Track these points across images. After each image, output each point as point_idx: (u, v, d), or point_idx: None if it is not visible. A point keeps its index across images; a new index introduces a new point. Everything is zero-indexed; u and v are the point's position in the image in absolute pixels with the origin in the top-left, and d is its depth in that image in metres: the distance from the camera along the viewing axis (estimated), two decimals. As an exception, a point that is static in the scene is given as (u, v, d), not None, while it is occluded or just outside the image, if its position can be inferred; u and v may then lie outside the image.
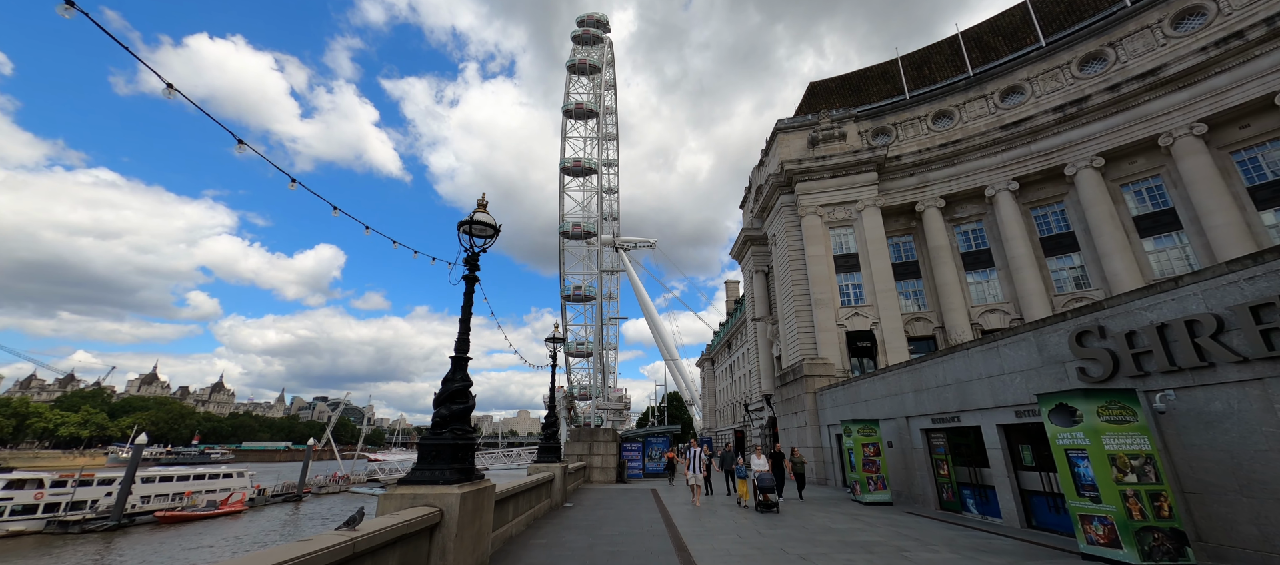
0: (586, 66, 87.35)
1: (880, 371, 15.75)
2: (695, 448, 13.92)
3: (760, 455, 13.21)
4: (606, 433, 23.79)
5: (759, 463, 13.03)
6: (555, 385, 14.30)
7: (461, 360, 6.75)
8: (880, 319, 29.18)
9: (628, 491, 18.73)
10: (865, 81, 43.09)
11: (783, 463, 14.75)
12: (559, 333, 14.89)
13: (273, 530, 41.98)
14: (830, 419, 19.57)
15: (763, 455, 13.26)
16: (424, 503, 5.41)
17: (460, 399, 6.50)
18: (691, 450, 13.88)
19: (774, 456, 14.81)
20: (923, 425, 13.46)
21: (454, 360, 6.73)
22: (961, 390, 11.77)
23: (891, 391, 14.98)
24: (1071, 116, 27.69)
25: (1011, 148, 29.73)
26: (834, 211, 32.42)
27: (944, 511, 12.60)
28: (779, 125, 37.14)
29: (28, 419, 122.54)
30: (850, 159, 32.28)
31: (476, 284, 7.25)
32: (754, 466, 13.10)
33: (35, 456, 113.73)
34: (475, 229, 7.20)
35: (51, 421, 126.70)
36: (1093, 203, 26.67)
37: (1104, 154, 26.83)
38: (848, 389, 18.10)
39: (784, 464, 14.89)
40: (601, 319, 79.79)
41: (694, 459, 13.69)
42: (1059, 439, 7.47)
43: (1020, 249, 28.35)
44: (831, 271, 31.12)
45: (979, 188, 30.70)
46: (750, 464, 13.26)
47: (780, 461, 14.70)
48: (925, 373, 13.23)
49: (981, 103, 32.18)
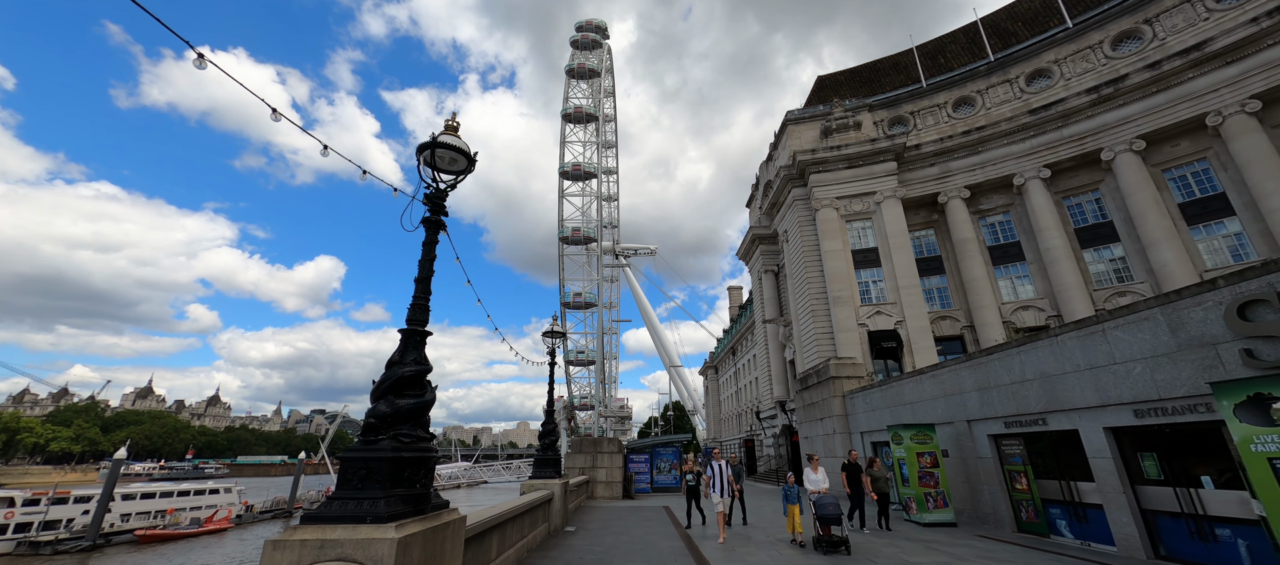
0: (585, 71, 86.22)
1: (931, 368, 13.63)
2: (718, 461, 10.40)
3: (817, 467, 10.06)
4: (611, 442, 21.60)
5: (816, 478, 9.85)
6: (553, 389, 12.19)
7: (416, 335, 4.66)
8: (905, 317, 27.06)
9: (638, 510, 16.50)
10: (876, 74, 41.37)
11: (861, 478, 11.11)
12: (558, 327, 12.80)
13: (257, 549, 39.49)
14: (864, 425, 17.39)
15: (819, 467, 10.13)
16: (338, 555, 3.31)
17: (412, 389, 4.40)
18: (714, 465, 10.44)
19: (849, 469, 11.33)
20: (992, 430, 11.32)
21: (405, 335, 4.65)
22: (1049, 386, 9.65)
23: (946, 391, 12.84)
24: (1107, 98, 25.81)
25: (1041, 133, 27.81)
26: (851, 204, 30.44)
27: (1025, 534, 10.42)
28: (789, 116, 35.31)
29: (18, 434, 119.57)
30: (867, 148, 30.37)
31: (442, 233, 5.18)
32: (809, 484, 9.88)
33: (25, 472, 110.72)
34: (440, 158, 5.15)
35: (43, 436, 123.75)
36: (1134, 188, 24.68)
37: (1145, 136, 24.89)
38: (887, 390, 15.95)
39: (862, 479, 11.16)
40: (602, 327, 77.58)
41: (717, 476, 10.21)
42: (1256, 443, 5.40)
43: (1055, 240, 26.31)
44: (850, 267, 29.06)
45: (1006, 176, 28.74)
46: (803, 480, 10.18)
47: (858, 476, 11.14)
48: (995, 367, 11.10)
49: (1006, 87, 30.34)
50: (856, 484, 11.19)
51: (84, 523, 39.44)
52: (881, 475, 11.46)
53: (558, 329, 12.71)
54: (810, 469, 10.30)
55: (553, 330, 12.69)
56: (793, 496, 9.86)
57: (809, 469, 10.34)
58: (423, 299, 4.79)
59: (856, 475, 11.31)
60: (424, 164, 5.16)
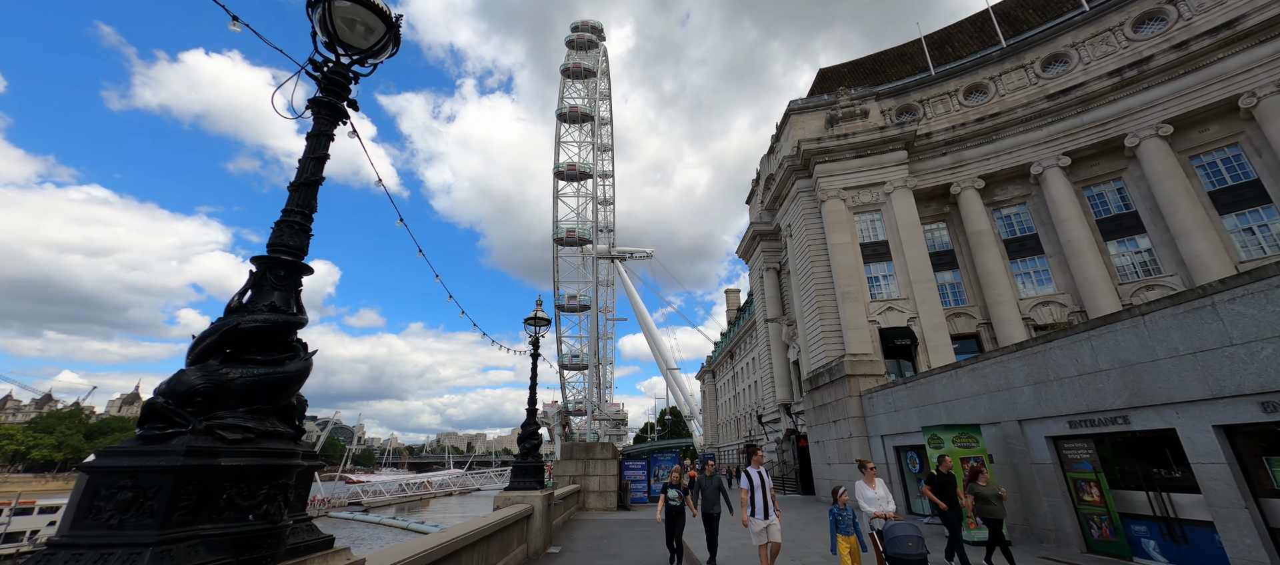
0: (581, 71, 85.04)
1: (970, 361, 11.94)
2: (756, 469, 7.57)
3: (874, 480, 7.50)
4: (605, 448, 19.79)
5: (876, 497, 7.36)
6: (536, 384, 10.40)
7: (282, 269, 2.92)
8: (919, 313, 25.42)
9: (634, 523, 14.68)
10: (880, 65, 40.02)
11: (956, 494, 8.20)
12: (542, 314, 11.05)
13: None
14: (885, 428, 15.67)
15: (877, 480, 7.52)
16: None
17: (263, 351, 2.67)
18: (752, 473, 7.57)
19: (938, 482, 8.28)
20: (1052, 431, 9.62)
21: (260, 266, 2.90)
22: (1133, 377, 7.97)
23: (990, 386, 11.14)
24: (1131, 81, 24.39)
25: (1059, 119, 26.37)
26: (859, 195, 28.86)
27: (1100, 555, 8.71)
28: (792, 105, 33.81)
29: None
30: (876, 137, 28.84)
31: (344, 124, 3.47)
32: (866, 503, 7.33)
33: (4, 481, 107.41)
34: (341, 25, 3.43)
35: (24, 444, 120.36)
36: (1162, 176, 23.21)
37: (1172, 121, 23.47)
38: (913, 388, 14.25)
39: (960, 497, 8.23)
40: (597, 331, 75.84)
41: (757, 488, 7.38)
42: None
43: (1077, 231, 24.80)
44: (859, 261, 27.43)
45: (1022, 166, 27.26)
46: (857, 498, 7.54)
47: (951, 491, 8.17)
48: (1056, 356, 9.42)
49: (1020, 74, 28.93)
50: (951, 504, 8.16)
51: (50, 535, 37.10)
52: (990, 492, 8.15)
53: (541, 315, 10.95)
54: (865, 482, 7.59)
55: (536, 316, 10.93)
56: (846, 524, 7.01)
57: (862, 483, 7.60)
58: (300, 214, 3.05)
59: (949, 490, 8.24)
60: (317, 26, 3.42)
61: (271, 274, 2.85)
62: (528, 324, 11.00)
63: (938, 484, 8.46)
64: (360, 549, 20.98)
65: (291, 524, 2.62)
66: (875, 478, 7.71)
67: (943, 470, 8.69)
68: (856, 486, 7.69)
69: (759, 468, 7.78)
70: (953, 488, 8.29)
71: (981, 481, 8.33)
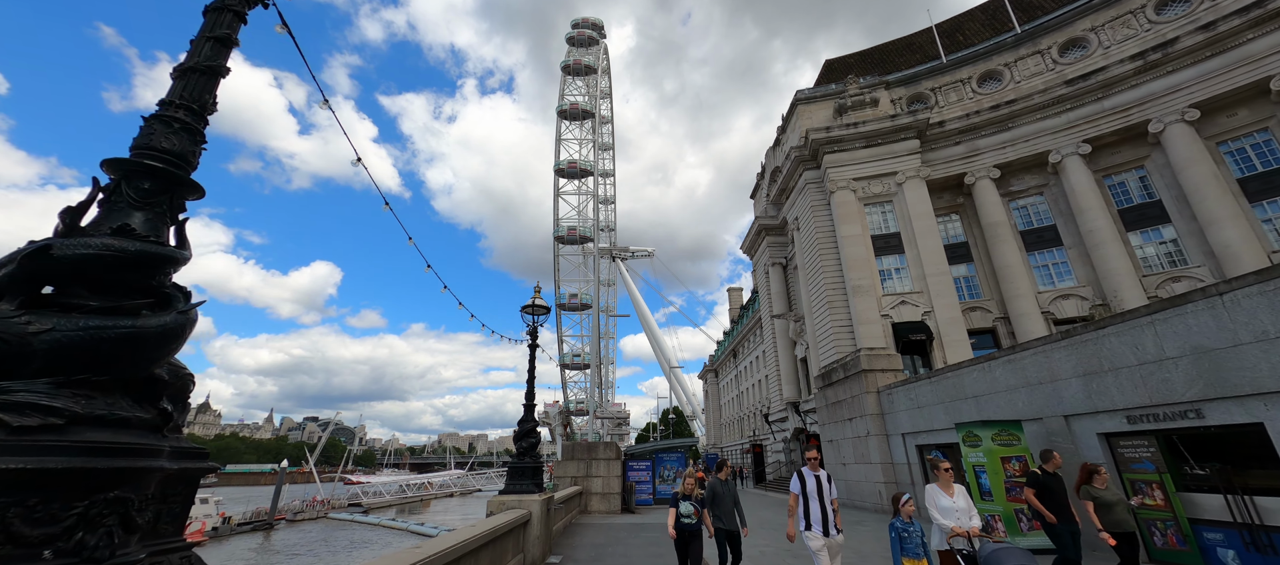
0: (581, 67, 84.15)
1: (1006, 352, 10.99)
2: (814, 472, 6.04)
3: (951, 486, 5.83)
4: (608, 447, 18.88)
5: (953, 506, 5.66)
6: (533, 376, 9.49)
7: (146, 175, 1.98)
8: (933, 307, 24.48)
9: (640, 528, 13.77)
10: (888, 54, 39.09)
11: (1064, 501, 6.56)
12: (541, 300, 10.14)
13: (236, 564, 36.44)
14: (906, 425, 14.74)
15: (955, 486, 5.87)
16: None
17: (98, 291, 1.73)
18: (808, 476, 6.02)
19: (1044, 484, 6.67)
20: (1105, 427, 8.68)
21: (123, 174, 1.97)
22: (1208, 364, 7.03)
23: (1029, 379, 10.20)
24: (1155, 64, 23.42)
25: (1079, 105, 25.40)
26: (869, 185, 27.92)
27: (1164, 564, 7.76)
28: (799, 95, 32.88)
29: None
30: (887, 125, 27.90)
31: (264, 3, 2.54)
32: (940, 514, 5.67)
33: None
34: None
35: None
36: (1188, 163, 22.23)
37: (1198, 105, 22.49)
38: (939, 383, 13.31)
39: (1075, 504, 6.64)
40: (598, 331, 75.03)
41: (816, 495, 5.87)
42: None
43: (1099, 221, 23.82)
44: (870, 254, 26.50)
45: (1040, 154, 26.29)
46: (929, 508, 5.82)
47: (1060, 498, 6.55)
48: (1111, 344, 8.48)
49: (1036, 59, 27.96)
50: (1062, 513, 6.41)
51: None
52: (1113, 497, 6.41)
53: (540, 302, 10.04)
54: (938, 488, 5.88)
55: (534, 304, 10.02)
56: (914, 544, 5.35)
57: (935, 489, 5.90)
58: (185, 109, 2.14)
59: (1056, 496, 6.52)
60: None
61: (130, 186, 1.94)
62: (525, 313, 10.10)
63: (1043, 487, 6.57)
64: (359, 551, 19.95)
65: (144, 558, 1.70)
66: (951, 482, 5.91)
67: (1048, 468, 6.79)
68: (927, 494, 5.99)
69: (818, 470, 6.09)
70: (1063, 492, 6.54)
71: (1099, 483, 6.43)
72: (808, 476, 6.12)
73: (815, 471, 6.15)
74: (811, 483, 6.05)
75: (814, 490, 5.98)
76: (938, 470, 6.19)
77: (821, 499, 5.92)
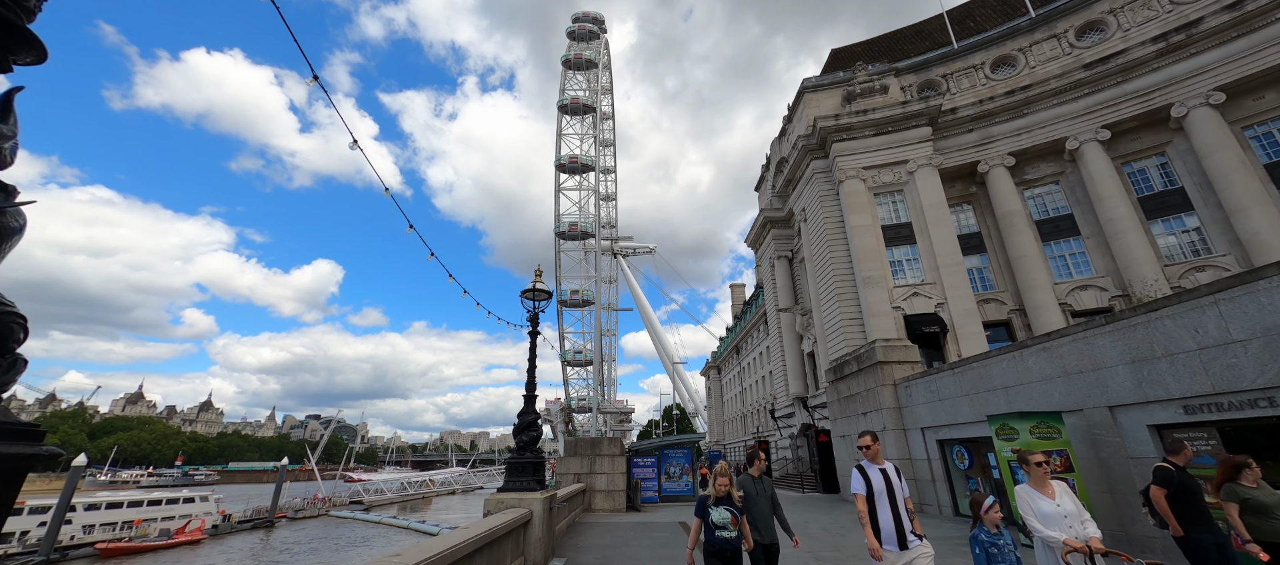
0: (582, 62, 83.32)
1: (1040, 339, 10.25)
2: (878, 466, 4.86)
3: (1047, 482, 4.63)
4: (612, 443, 18.22)
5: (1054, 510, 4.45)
6: (534, 363, 8.81)
7: None
8: (947, 298, 23.75)
9: (647, 527, 13.10)
10: (896, 43, 38.24)
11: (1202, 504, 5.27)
12: (543, 285, 9.46)
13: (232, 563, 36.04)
14: (927, 419, 14.04)
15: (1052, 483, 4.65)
16: None
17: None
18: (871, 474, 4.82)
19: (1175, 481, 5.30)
20: (1157, 418, 7.97)
21: None
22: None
23: (1067, 368, 9.48)
24: (1178, 46, 22.59)
25: (1097, 90, 24.57)
26: (879, 174, 27.15)
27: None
28: (806, 83, 32.07)
29: None
30: (898, 112, 27.11)
31: None
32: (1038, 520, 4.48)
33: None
34: None
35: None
36: (1213, 148, 21.42)
37: (1223, 88, 21.67)
38: (963, 374, 12.59)
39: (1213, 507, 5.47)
40: (600, 328, 74.42)
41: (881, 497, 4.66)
42: None
43: (1119, 209, 23.03)
44: (881, 244, 25.75)
45: (1056, 141, 25.48)
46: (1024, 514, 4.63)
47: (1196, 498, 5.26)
48: (1165, 327, 7.75)
49: (1052, 44, 27.13)
50: (1201, 522, 5.10)
51: (40, 536, 35.97)
52: (1270, 499, 5.02)
53: (541, 287, 9.35)
54: (1033, 490, 4.67)
55: (536, 288, 9.33)
56: (1008, 561, 4.31)
57: (1029, 489, 4.69)
58: None
59: (1195, 499, 5.21)
60: None
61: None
62: (525, 298, 9.42)
63: (1178, 486, 5.20)
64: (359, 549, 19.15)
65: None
66: (1048, 478, 4.64)
67: (1178, 462, 5.42)
68: (1019, 497, 4.70)
69: (883, 463, 4.86)
70: (1200, 493, 5.27)
71: (1249, 480, 5.11)
72: (871, 472, 4.80)
73: (878, 464, 4.86)
74: (878, 480, 4.72)
75: (882, 489, 4.67)
76: (1028, 465, 4.73)
77: (893, 500, 4.62)
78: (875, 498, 4.68)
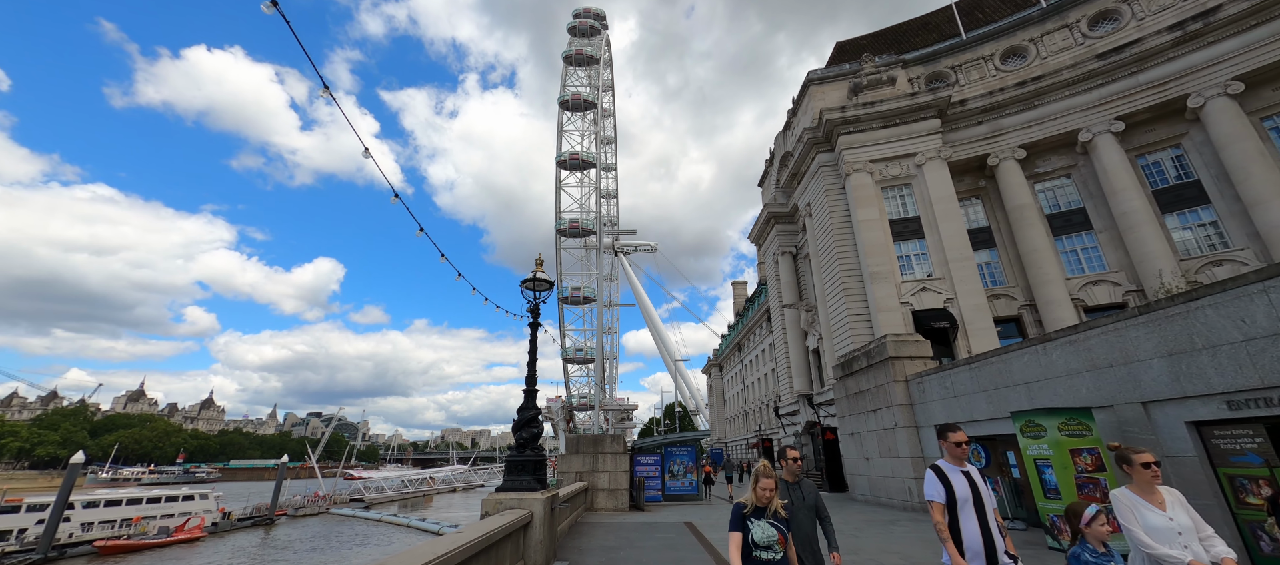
0: (583, 58, 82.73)
1: (1065, 332, 9.76)
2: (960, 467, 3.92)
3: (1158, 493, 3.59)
4: (615, 441, 17.78)
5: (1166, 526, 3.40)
6: (535, 354, 8.37)
7: None
8: (956, 294, 23.24)
9: (652, 528, 12.66)
10: (902, 35, 37.64)
11: None
12: (544, 275, 9.00)
13: (230, 563, 35.76)
14: (940, 416, 13.57)
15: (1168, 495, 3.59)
16: None
17: None
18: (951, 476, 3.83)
19: None
20: (1196, 414, 7.50)
21: None
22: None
23: (1095, 362, 9.00)
24: (1195, 35, 22.02)
25: (1111, 81, 24.01)
26: (887, 168, 26.63)
27: (1279, 578, 6.59)
28: (811, 76, 31.53)
29: (3, 438, 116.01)
30: (906, 104, 26.57)
31: None
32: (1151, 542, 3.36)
33: (10, 477, 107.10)
34: None
35: (29, 441, 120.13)
36: (1232, 139, 20.87)
37: (1242, 78, 21.11)
38: (980, 370, 12.12)
39: None
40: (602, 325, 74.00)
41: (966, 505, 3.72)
42: None
43: (1134, 202, 22.50)
44: (888, 238, 25.25)
45: (1068, 133, 24.94)
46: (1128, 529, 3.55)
47: None
48: (1207, 317, 7.27)
49: (1064, 33, 26.56)
50: None
51: (38, 533, 35.71)
52: None
53: (542, 276, 8.89)
54: (1137, 497, 3.61)
55: (536, 277, 8.88)
56: None
57: (1132, 496, 3.64)
58: None
59: None
60: None
61: None
62: (525, 288, 8.96)
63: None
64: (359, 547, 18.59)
65: None
66: (1157, 483, 3.65)
67: None
68: (1117, 505, 3.68)
69: (966, 466, 3.95)
70: None
71: None
72: (952, 475, 3.81)
73: (961, 466, 3.92)
74: (961, 484, 3.76)
75: (966, 496, 3.71)
76: (1132, 466, 3.69)
77: (982, 510, 3.68)
78: (957, 506, 3.69)
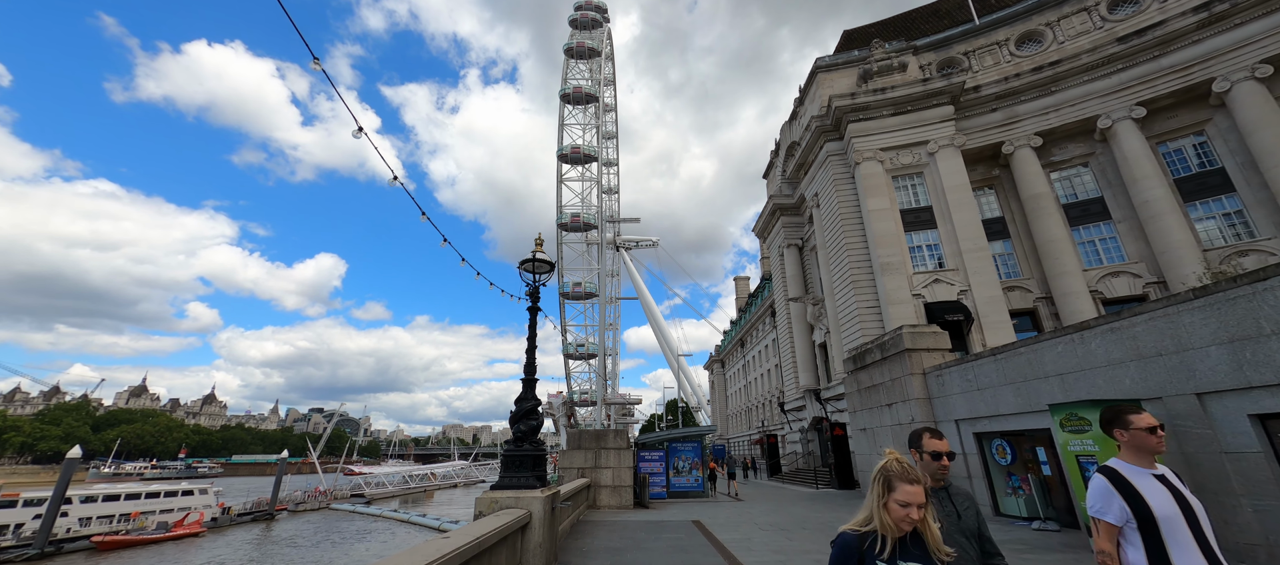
0: (584, 50, 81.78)
1: (1105, 320, 9.05)
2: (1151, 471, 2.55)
3: None
4: (618, 436, 17.15)
5: None
6: (534, 341, 7.71)
7: None
8: (970, 285, 22.53)
9: (659, 527, 12.02)
10: (913, 22, 36.74)
11: None
12: (544, 255, 8.33)
13: (230, 558, 35.34)
14: (962, 411, 12.88)
15: None
16: None
17: None
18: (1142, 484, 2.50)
19: None
20: (1260, 406, 6.82)
21: None
22: None
23: (1142, 351, 8.31)
24: (1220, 16, 21.18)
25: (1132, 65, 23.19)
26: (898, 156, 25.86)
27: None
28: (819, 63, 30.72)
29: (5, 433, 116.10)
30: (918, 91, 25.78)
31: None
32: None
33: (13, 472, 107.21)
34: None
35: (31, 435, 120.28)
36: (1259, 125, 20.08)
37: (1271, 60, 20.29)
38: (1006, 361, 11.42)
39: None
40: (603, 320, 73.36)
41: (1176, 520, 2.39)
42: None
43: (1156, 191, 21.72)
44: (900, 228, 24.51)
45: (1086, 120, 24.14)
46: None
47: None
48: (1275, 300, 6.57)
49: (1082, 17, 25.71)
50: None
51: (35, 528, 35.32)
52: None
53: (542, 256, 8.22)
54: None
55: (536, 257, 8.20)
56: None
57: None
58: None
59: None
60: None
61: None
62: (524, 269, 8.29)
63: None
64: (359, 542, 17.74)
65: None
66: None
67: None
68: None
69: (1156, 467, 2.63)
70: None
71: None
72: (1142, 483, 2.55)
73: (1151, 468, 2.62)
74: (1160, 497, 2.50)
75: (1171, 514, 2.45)
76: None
77: (1200, 534, 2.42)
78: (1160, 528, 2.42)
